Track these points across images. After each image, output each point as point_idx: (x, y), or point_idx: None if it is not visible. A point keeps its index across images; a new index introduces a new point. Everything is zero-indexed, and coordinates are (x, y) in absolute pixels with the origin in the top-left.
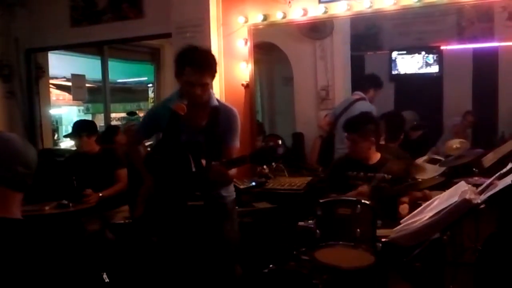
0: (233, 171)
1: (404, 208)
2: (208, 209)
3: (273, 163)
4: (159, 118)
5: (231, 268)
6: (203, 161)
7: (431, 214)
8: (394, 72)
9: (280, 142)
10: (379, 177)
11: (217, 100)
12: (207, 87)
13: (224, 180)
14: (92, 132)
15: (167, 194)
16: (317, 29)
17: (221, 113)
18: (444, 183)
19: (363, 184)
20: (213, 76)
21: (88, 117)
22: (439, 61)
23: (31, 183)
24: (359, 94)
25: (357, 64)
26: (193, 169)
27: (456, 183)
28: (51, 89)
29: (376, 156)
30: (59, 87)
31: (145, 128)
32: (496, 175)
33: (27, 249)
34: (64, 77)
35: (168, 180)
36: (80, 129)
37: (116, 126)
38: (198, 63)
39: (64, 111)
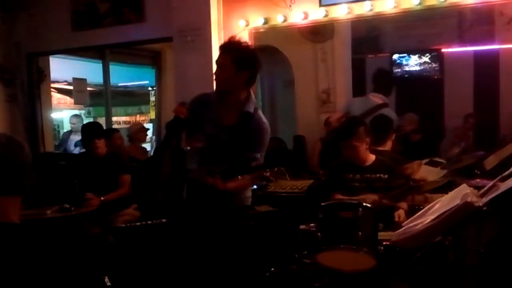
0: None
1: (400, 214)
2: (220, 214)
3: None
4: (198, 110)
5: (237, 272)
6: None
7: (433, 217)
8: (395, 75)
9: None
10: (375, 177)
11: (255, 109)
12: (226, 70)
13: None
14: (101, 135)
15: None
16: (318, 32)
17: (253, 121)
18: (445, 186)
19: (360, 185)
20: (237, 63)
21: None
22: (440, 64)
23: (27, 184)
24: (381, 98)
25: (358, 67)
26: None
27: (458, 185)
28: (52, 93)
29: (371, 158)
30: (60, 91)
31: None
32: (498, 177)
33: (25, 254)
34: (66, 81)
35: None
36: (92, 132)
37: (112, 129)
38: (225, 44)
39: (66, 115)
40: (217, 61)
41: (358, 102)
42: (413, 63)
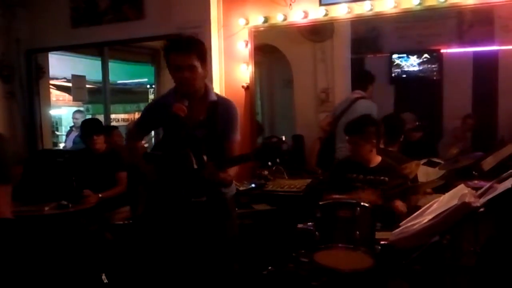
0: (233, 169)
1: (398, 204)
2: (208, 205)
3: (278, 160)
4: (155, 115)
5: (229, 265)
6: (205, 157)
7: (430, 217)
8: (394, 75)
9: (283, 138)
10: (378, 180)
11: (216, 94)
12: (195, 70)
13: (217, 180)
14: (101, 131)
15: (169, 192)
16: (318, 32)
17: (219, 107)
18: (443, 186)
19: (362, 186)
20: (201, 59)
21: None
22: (439, 64)
23: (14, 173)
24: (359, 92)
25: (357, 66)
26: (195, 166)
27: (456, 186)
28: (51, 90)
29: (377, 159)
30: (59, 88)
31: (141, 125)
32: (496, 178)
33: (22, 250)
34: (65, 78)
35: (170, 177)
36: (91, 129)
37: (112, 126)
38: (181, 45)
39: (64, 112)
40: (181, 64)
41: (341, 102)
42: (412, 63)
